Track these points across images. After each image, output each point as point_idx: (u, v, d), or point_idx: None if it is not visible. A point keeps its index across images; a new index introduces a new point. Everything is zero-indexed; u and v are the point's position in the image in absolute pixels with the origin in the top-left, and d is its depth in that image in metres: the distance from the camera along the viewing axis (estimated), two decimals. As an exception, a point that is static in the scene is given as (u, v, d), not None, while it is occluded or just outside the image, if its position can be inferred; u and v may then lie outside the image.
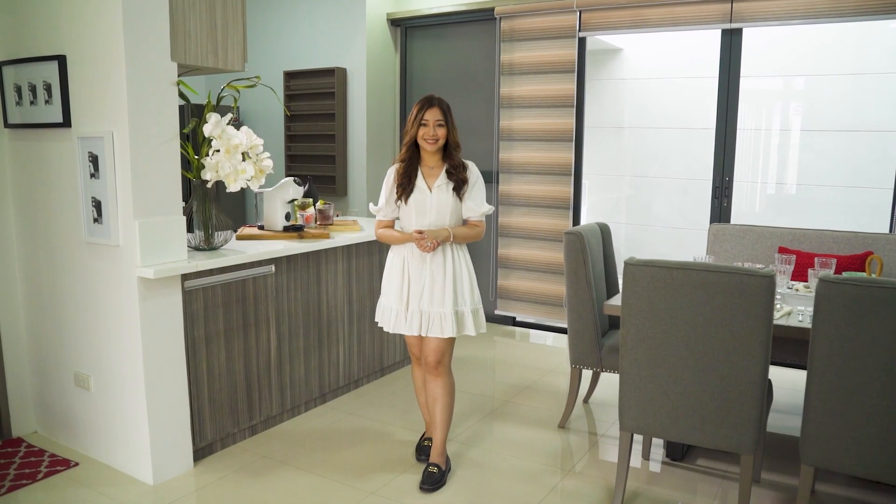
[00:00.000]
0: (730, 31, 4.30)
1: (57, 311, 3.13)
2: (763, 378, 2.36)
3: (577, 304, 3.32)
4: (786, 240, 3.75)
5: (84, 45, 2.77)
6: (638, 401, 2.58)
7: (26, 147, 3.11)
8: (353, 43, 5.43)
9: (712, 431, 2.47)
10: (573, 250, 3.28)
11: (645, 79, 6.77)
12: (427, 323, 2.81)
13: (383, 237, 2.92)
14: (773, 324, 2.38)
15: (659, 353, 2.50)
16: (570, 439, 3.38)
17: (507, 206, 5.24)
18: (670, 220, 6.72)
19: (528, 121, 5.05)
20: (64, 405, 3.19)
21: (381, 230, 2.93)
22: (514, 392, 4.00)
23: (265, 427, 3.41)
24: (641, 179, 7.00)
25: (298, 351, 3.53)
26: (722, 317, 2.36)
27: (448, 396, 2.93)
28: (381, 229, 2.93)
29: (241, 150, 3.01)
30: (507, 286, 5.33)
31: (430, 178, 2.85)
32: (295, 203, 3.77)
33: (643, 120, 6.94)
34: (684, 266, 2.40)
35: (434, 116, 2.78)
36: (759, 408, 2.39)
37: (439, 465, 2.93)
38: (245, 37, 3.12)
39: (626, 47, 6.87)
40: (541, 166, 5.05)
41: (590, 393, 3.83)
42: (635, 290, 2.49)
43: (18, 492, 2.80)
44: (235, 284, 3.13)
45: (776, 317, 2.71)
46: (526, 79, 5.02)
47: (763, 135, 5.50)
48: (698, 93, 5.66)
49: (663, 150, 6.64)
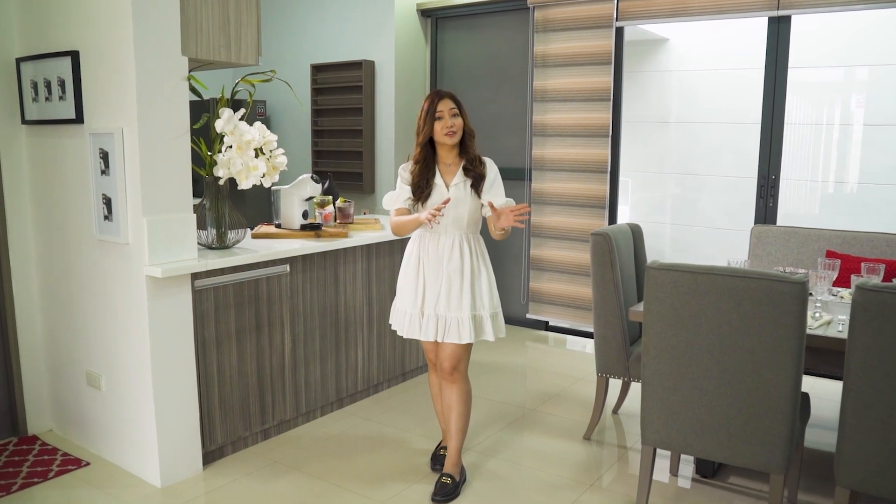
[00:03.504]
0: (777, 19, 4.18)
1: (70, 309, 3.22)
2: (794, 392, 2.29)
3: (604, 310, 3.27)
4: (834, 243, 3.63)
5: (96, 41, 2.84)
6: (660, 413, 2.53)
7: (42, 143, 3.21)
8: (382, 35, 5.45)
9: (739, 448, 2.40)
10: (600, 252, 3.24)
11: (692, 70, 6.63)
12: (444, 328, 2.80)
13: (395, 225, 2.84)
14: (806, 333, 2.31)
15: (683, 363, 2.44)
16: (595, 452, 3.34)
17: (539, 204, 5.19)
18: (719, 221, 6.58)
19: (562, 115, 5.00)
20: (77, 404, 3.28)
21: (395, 218, 2.84)
22: (540, 400, 3.97)
23: (278, 431, 3.45)
24: (688, 177, 6.86)
25: (314, 353, 3.56)
26: (750, 325, 2.29)
27: (464, 404, 2.92)
28: (395, 217, 2.85)
29: (254, 146, 3.05)
30: (539, 289, 5.29)
31: (447, 175, 2.84)
32: (313, 201, 3.80)
33: (690, 114, 6.80)
34: (709, 270, 2.34)
35: (447, 107, 2.76)
36: (789, 424, 2.31)
37: (453, 476, 2.92)
38: (259, 30, 3.16)
39: (671, 37, 6.75)
40: (575, 163, 4.99)
41: (619, 403, 3.77)
42: (658, 296, 2.44)
43: (29, 490, 2.90)
44: (248, 284, 3.17)
45: (814, 326, 2.62)
46: (560, 71, 4.97)
47: (815, 129, 5.33)
48: (748, 85, 5.52)
49: (711, 146, 6.50)
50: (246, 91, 3.25)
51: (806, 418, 2.71)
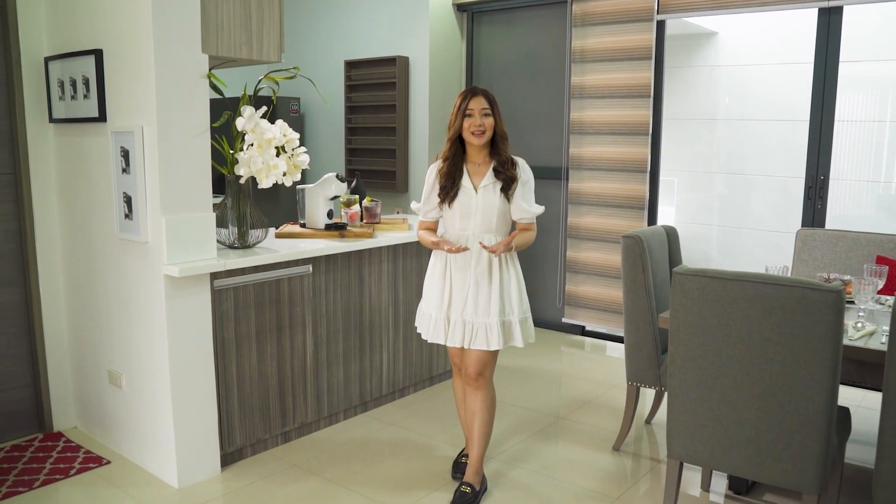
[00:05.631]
0: (827, 10, 4.04)
1: (93, 307, 3.30)
2: (829, 407, 2.20)
3: (635, 316, 3.20)
4: (886, 248, 3.49)
5: (118, 38, 2.90)
6: (687, 426, 2.46)
7: (68, 142, 3.30)
8: (416, 30, 5.45)
9: (770, 465, 2.32)
10: (631, 256, 3.17)
11: (742, 65, 6.47)
12: (471, 334, 2.78)
13: (420, 239, 2.92)
14: (846, 344, 2.22)
15: (710, 374, 2.37)
16: (624, 463, 3.27)
17: (576, 205, 5.12)
18: (769, 223, 6.40)
19: (600, 112, 4.92)
20: (100, 402, 3.36)
21: (420, 232, 2.92)
22: (571, 407, 3.91)
23: (299, 434, 3.47)
24: (737, 177, 6.70)
25: (337, 356, 3.57)
26: (781, 335, 2.21)
27: (487, 411, 2.89)
28: (421, 230, 2.93)
29: (275, 144, 3.07)
30: (575, 292, 5.22)
31: (475, 176, 2.81)
32: (339, 200, 3.81)
33: (740, 111, 6.63)
34: (739, 277, 2.26)
35: (479, 105, 2.74)
36: (823, 441, 2.22)
37: (473, 486, 2.89)
38: (282, 26, 3.18)
39: (721, 30, 6.59)
40: (614, 162, 4.91)
41: (652, 413, 3.69)
42: (684, 303, 2.38)
43: (50, 486, 2.97)
44: (269, 284, 3.20)
45: (855, 336, 2.51)
46: (599, 66, 4.90)
47: (868, 126, 5.13)
48: (800, 80, 5.36)
49: (762, 145, 6.32)
50: (270, 88, 3.28)
51: (846, 434, 2.61)
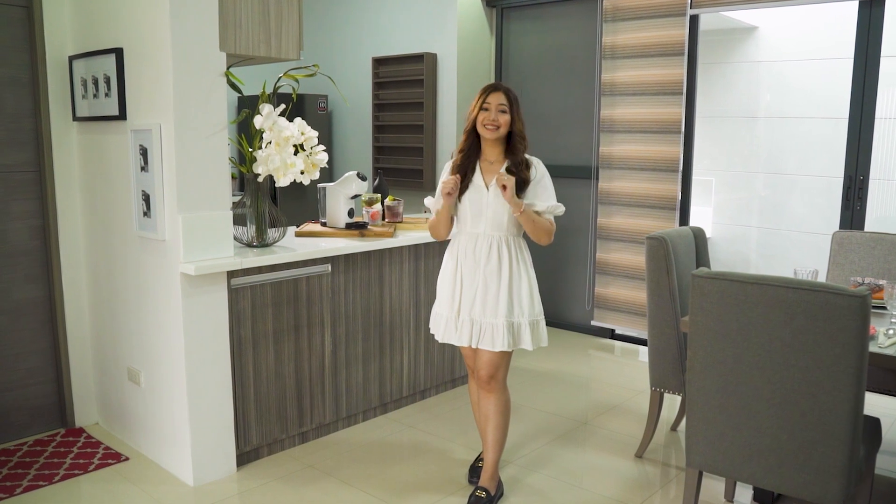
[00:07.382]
0: (868, 3, 3.94)
1: (113, 304, 3.38)
2: (854, 417, 2.14)
3: (659, 319, 3.17)
4: (927, 252, 3.39)
5: (138, 36, 2.96)
6: (706, 434, 2.42)
7: (90, 140, 3.38)
8: (445, 26, 5.46)
9: (791, 476, 2.27)
10: (655, 258, 3.14)
11: (783, 61, 6.35)
12: (478, 333, 2.78)
13: (430, 225, 2.91)
14: (875, 352, 2.16)
15: (730, 381, 2.33)
16: (645, 471, 3.23)
17: (606, 205, 5.08)
18: (810, 225, 6.27)
19: (631, 110, 4.87)
20: (120, 399, 3.44)
21: (431, 220, 2.92)
22: (595, 412, 3.88)
23: (317, 435, 3.50)
24: (777, 177, 6.58)
25: (356, 356, 3.60)
26: (804, 342, 2.17)
27: (501, 415, 2.88)
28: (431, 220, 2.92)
29: (293, 142, 3.10)
30: (605, 294, 5.17)
31: (488, 174, 2.80)
32: (361, 198, 3.84)
33: (780, 108, 6.51)
34: (759, 280, 2.22)
35: (497, 100, 2.73)
36: (847, 451, 2.17)
37: (488, 490, 2.89)
38: (301, 24, 3.21)
39: (762, 24, 6.48)
40: (645, 161, 4.86)
41: (678, 420, 3.64)
42: (703, 307, 2.34)
43: (68, 481, 3.05)
44: (287, 283, 3.24)
45: (885, 344, 2.45)
46: (630, 63, 4.85)
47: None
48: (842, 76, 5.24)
49: (803, 143, 6.20)
50: (289, 86, 3.31)
51: (876, 445, 2.54)
